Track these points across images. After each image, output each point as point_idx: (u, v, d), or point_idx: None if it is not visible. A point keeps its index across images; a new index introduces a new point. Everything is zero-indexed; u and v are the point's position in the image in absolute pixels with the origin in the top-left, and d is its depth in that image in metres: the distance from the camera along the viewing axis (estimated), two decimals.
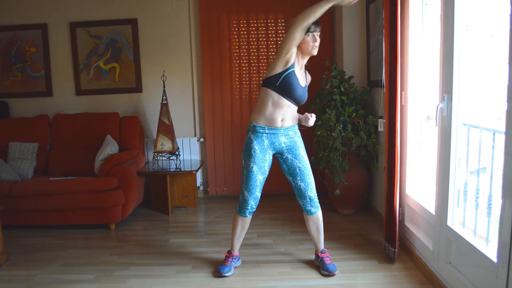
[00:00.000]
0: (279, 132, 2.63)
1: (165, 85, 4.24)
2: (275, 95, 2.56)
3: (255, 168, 2.65)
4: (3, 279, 2.82)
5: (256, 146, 2.64)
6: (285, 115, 2.61)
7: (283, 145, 2.66)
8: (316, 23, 2.52)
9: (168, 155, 4.22)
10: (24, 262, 3.08)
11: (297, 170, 2.69)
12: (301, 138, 2.75)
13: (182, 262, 2.99)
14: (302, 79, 2.62)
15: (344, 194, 3.70)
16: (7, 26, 4.48)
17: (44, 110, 4.52)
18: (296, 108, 2.67)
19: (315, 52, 2.58)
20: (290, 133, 2.67)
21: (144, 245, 3.36)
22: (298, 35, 2.46)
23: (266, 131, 2.62)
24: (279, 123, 2.61)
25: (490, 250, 2.02)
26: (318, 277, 2.71)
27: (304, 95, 2.63)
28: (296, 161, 2.68)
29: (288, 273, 2.78)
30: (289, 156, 2.69)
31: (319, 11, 2.41)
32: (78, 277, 2.81)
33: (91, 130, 4.22)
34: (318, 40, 2.57)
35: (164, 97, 4.19)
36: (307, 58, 2.63)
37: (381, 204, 3.46)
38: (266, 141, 2.64)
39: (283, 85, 2.52)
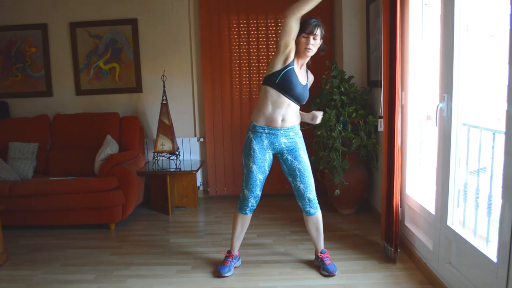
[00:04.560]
0: (279, 133, 2.62)
1: (165, 85, 4.24)
2: (274, 93, 2.55)
3: (254, 168, 2.65)
4: (3, 279, 2.82)
5: (255, 146, 2.64)
6: (286, 114, 2.60)
7: (283, 145, 2.65)
8: (314, 25, 2.47)
9: (168, 155, 4.22)
10: (24, 262, 3.08)
11: (297, 172, 2.68)
12: (302, 139, 2.73)
13: (182, 262, 2.99)
14: (302, 77, 2.61)
15: (344, 194, 3.70)
16: (7, 26, 4.48)
17: (44, 110, 4.52)
18: (297, 107, 2.66)
19: (308, 54, 2.53)
20: (291, 133, 2.65)
21: (144, 245, 3.36)
22: (292, 26, 2.39)
23: (266, 131, 2.62)
24: (279, 123, 2.60)
25: (490, 250, 2.02)
26: (318, 277, 2.71)
27: (304, 94, 2.61)
28: (296, 163, 2.67)
29: (288, 273, 2.78)
30: (289, 157, 2.68)
31: (313, 1, 2.33)
32: (78, 277, 2.81)
33: (91, 130, 4.22)
34: (315, 42, 2.51)
35: (164, 97, 4.19)
36: (306, 58, 2.61)
37: (381, 204, 3.46)
38: (265, 141, 2.63)
39: (282, 82, 2.51)
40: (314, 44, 2.52)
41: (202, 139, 4.59)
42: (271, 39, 4.41)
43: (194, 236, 3.53)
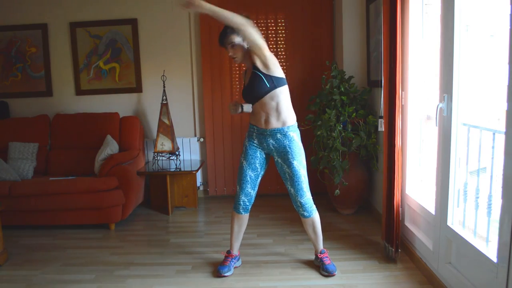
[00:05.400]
0: (266, 133, 2.64)
1: (165, 85, 4.24)
2: (250, 106, 2.76)
3: (244, 164, 2.72)
4: (3, 279, 2.82)
5: (247, 143, 2.74)
6: (267, 116, 2.60)
7: (271, 146, 2.66)
8: (219, 39, 2.71)
9: (168, 155, 4.22)
10: (24, 262, 3.08)
11: (286, 175, 2.67)
12: (295, 143, 2.62)
13: (182, 262, 3.00)
14: (248, 77, 2.69)
15: (344, 194, 3.70)
16: (7, 26, 4.48)
17: (44, 110, 4.52)
18: (276, 105, 2.56)
19: (236, 61, 2.72)
20: (278, 135, 2.62)
21: (144, 245, 3.36)
22: None
23: (256, 130, 2.68)
24: (263, 124, 2.64)
25: (490, 250, 2.02)
26: (318, 277, 2.71)
27: (250, 90, 2.61)
28: (285, 166, 2.65)
29: (288, 273, 2.78)
30: (279, 160, 2.68)
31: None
32: (78, 277, 2.81)
33: (91, 130, 4.22)
34: (232, 49, 2.66)
35: (164, 97, 4.19)
36: (249, 61, 2.68)
37: (381, 204, 3.46)
38: (256, 140, 2.70)
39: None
40: (233, 51, 2.66)
41: (202, 139, 4.59)
42: (271, 39, 4.40)
43: (194, 236, 3.53)
